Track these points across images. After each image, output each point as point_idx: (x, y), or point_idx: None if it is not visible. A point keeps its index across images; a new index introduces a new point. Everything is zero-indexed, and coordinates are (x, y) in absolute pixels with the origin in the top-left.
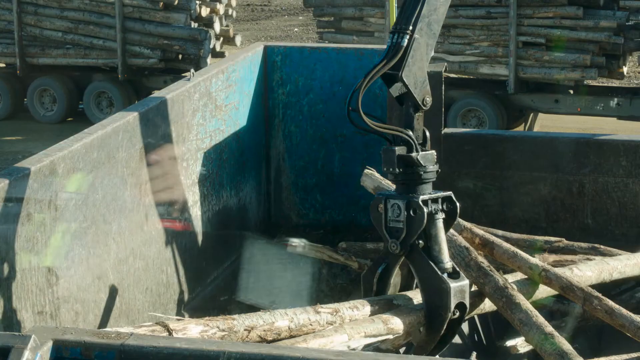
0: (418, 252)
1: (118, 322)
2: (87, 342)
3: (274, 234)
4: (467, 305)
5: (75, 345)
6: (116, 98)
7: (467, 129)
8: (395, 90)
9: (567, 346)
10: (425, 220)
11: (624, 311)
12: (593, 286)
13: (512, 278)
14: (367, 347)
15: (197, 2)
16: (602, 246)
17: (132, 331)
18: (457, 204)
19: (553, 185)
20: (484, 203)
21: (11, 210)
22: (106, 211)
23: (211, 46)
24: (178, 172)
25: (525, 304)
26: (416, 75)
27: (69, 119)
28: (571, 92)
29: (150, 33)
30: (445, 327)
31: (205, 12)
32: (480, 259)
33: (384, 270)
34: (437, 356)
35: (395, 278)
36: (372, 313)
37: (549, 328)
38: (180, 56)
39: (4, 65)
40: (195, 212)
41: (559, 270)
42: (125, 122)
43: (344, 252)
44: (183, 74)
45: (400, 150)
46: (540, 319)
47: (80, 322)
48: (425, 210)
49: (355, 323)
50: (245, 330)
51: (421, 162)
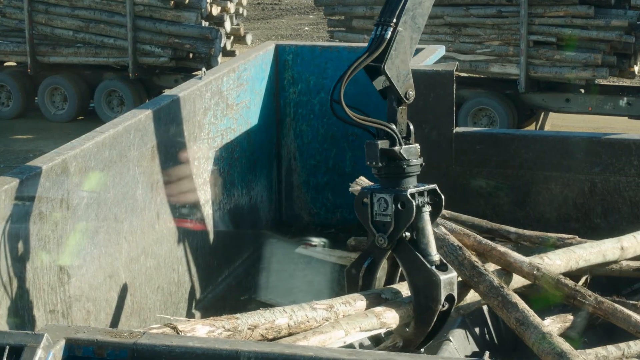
0: (406, 246)
1: (129, 321)
2: (99, 340)
3: (285, 233)
4: (455, 297)
5: (87, 343)
6: (127, 97)
7: (478, 128)
8: (379, 83)
9: (565, 345)
10: (414, 214)
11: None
12: (603, 285)
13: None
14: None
15: (208, 0)
16: None
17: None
18: (442, 197)
19: (564, 185)
20: (495, 202)
21: (23, 209)
22: (118, 210)
23: (222, 45)
24: (189, 171)
25: (521, 303)
26: (399, 68)
27: (80, 117)
28: (582, 91)
29: (161, 32)
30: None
31: (216, 10)
32: (474, 258)
33: (369, 264)
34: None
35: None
36: (364, 308)
37: (546, 328)
38: (191, 55)
39: (14, 63)
40: (207, 210)
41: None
42: (137, 121)
43: (353, 249)
44: (194, 73)
45: (383, 144)
46: (537, 319)
47: (91, 321)
48: (414, 203)
49: (350, 318)
50: (248, 329)
51: (404, 155)
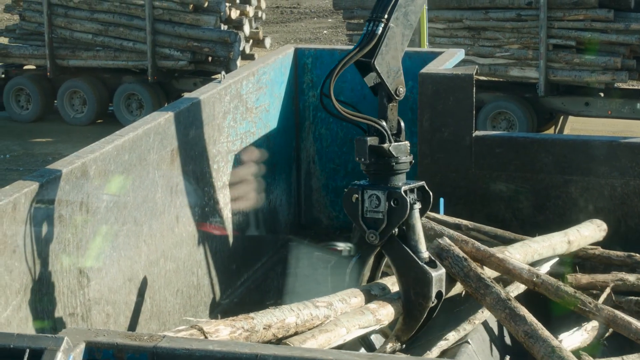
0: (397, 243)
1: (149, 324)
2: (119, 344)
3: (304, 237)
4: (444, 293)
5: (107, 347)
6: (146, 100)
7: (498, 132)
8: (370, 79)
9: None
10: (408, 211)
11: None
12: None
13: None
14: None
15: (227, 4)
16: (638, 255)
17: (166, 334)
18: (431, 194)
19: (584, 189)
20: (516, 206)
21: (43, 212)
22: (137, 213)
23: (241, 48)
24: (209, 174)
25: (529, 316)
26: (389, 65)
27: (99, 120)
28: (602, 94)
29: (180, 35)
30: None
31: (235, 14)
32: (480, 270)
33: (357, 261)
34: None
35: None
36: (359, 304)
37: (555, 342)
38: (210, 58)
39: (34, 67)
40: (226, 214)
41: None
42: (157, 124)
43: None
44: (213, 76)
45: (372, 140)
46: (546, 332)
47: (111, 324)
48: (409, 200)
49: (348, 316)
50: (264, 329)
51: (393, 153)
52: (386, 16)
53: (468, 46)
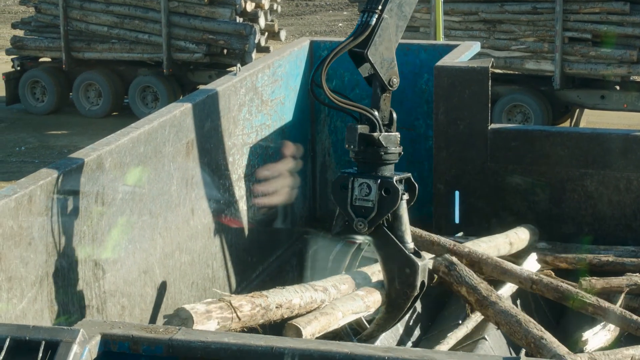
0: (384, 231)
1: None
2: (135, 336)
3: (319, 229)
4: (427, 283)
5: (123, 339)
6: (161, 92)
7: (514, 125)
8: (365, 70)
9: None
10: (398, 201)
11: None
12: None
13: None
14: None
15: None
16: None
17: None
18: (417, 185)
19: (600, 182)
20: (532, 199)
21: (58, 204)
22: (152, 205)
23: (256, 41)
24: (224, 167)
25: (539, 328)
26: (383, 55)
27: (114, 113)
28: (617, 88)
29: (196, 28)
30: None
31: (250, 6)
32: (485, 284)
33: (341, 249)
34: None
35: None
36: (346, 291)
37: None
38: (225, 51)
39: (49, 59)
40: (241, 206)
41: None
42: (172, 117)
43: None
44: (228, 69)
45: (363, 129)
46: (556, 342)
47: (126, 316)
48: (400, 190)
49: (342, 301)
50: (276, 308)
51: (383, 142)
52: (380, 7)
53: (484, 39)
